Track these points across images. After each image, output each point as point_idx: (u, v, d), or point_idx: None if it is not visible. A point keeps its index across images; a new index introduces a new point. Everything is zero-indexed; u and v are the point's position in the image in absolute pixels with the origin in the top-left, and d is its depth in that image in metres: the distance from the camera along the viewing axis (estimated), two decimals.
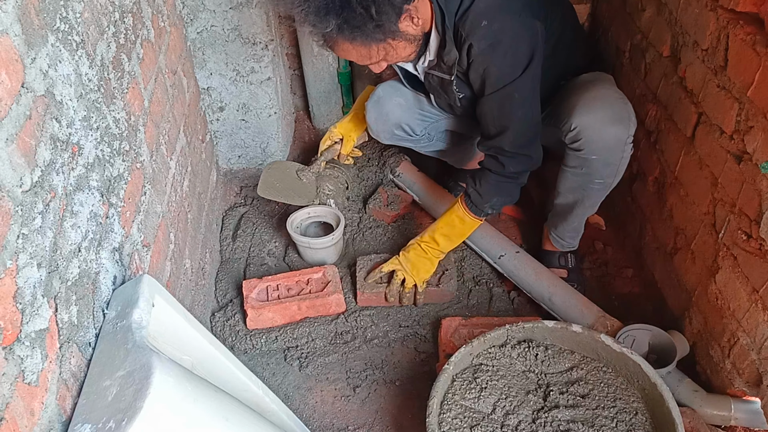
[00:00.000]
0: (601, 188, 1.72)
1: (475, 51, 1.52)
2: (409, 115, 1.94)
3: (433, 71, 1.69)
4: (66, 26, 1.02)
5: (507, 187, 1.69)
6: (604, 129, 1.59)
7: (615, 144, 1.61)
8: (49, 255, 0.90)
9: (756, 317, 1.33)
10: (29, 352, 0.82)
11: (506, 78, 1.53)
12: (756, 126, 1.30)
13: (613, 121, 1.60)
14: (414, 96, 1.92)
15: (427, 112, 1.96)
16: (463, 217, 1.75)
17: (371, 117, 1.95)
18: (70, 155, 1.00)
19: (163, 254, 1.46)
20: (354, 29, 1.43)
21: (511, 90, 1.54)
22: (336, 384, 1.71)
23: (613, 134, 1.60)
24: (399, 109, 1.92)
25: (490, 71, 1.54)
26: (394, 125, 1.95)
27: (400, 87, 1.91)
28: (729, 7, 1.38)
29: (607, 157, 1.64)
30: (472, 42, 1.51)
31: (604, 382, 1.47)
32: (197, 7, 1.91)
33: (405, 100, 1.91)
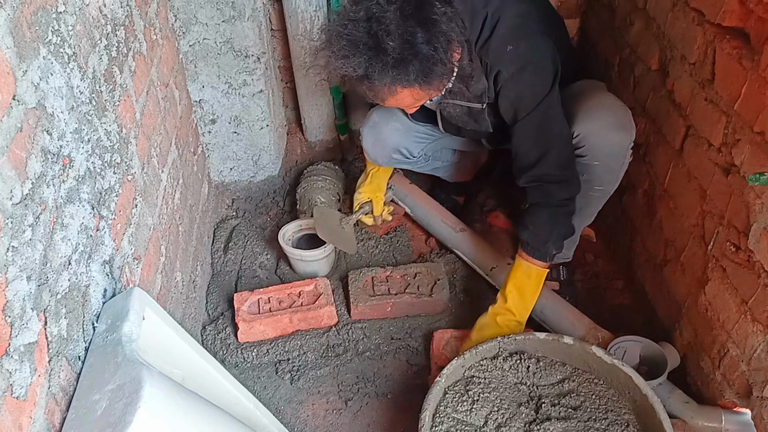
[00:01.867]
0: (601, 195, 1.72)
1: (505, 76, 1.52)
2: (406, 139, 1.92)
3: (454, 101, 1.66)
4: (58, 39, 1.03)
5: (561, 218, 1.62)
6: (608, 135, 1.59)
7: (618, 150, 1.61)
8: (38, 268, 0.90)
9: (745, 328, 1.34)
10: (18, 365, 0.82)
11: (539, 96, 1.53)
12: (743, 139, 1.31)
13: (616, 127, 1.60)
14: (410, 122, 1.90)
15: (423, 133, 1.95)
16: (529, 272, 1.64)
17: (368, 142, 1.93)
18: (61, 168, 1.00)
19: (154, 267, 1.45)
20: (425, 73, 1.38)
21: (545, 107, 1.54)
22: (328, 397, 1.70)
23: (617, 140, 1.60)
24: (396, 134, 1.90)
25: (522, 93, 1.54)
26: (391, 150, 1.94)
27: (396, 112, 1.89)
28: (716, 22, 1.40)
29: (610, 163, 1.63)
30: (501, 69, 1.52)
31: (595, 394, 1.47)
32: (190, 21, 1.92)
33: (401, 124, 1.90)
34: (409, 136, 1.93)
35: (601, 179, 1.66)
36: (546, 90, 1.53)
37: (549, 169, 1.57)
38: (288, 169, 2.45)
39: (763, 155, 1.24)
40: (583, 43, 2.32)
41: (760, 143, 1.25)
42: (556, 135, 1.56)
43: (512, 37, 1.50)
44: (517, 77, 1.52)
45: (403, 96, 1.46)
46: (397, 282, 1.93)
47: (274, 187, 2.37)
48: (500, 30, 1.51)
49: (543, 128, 1.56)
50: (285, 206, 2.31)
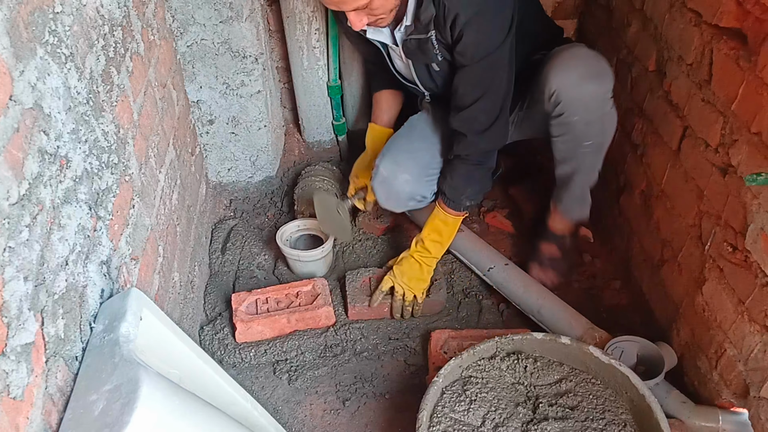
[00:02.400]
0: (593, 150, 1.71)
1: (462, 20, 1.50)
2: (418, 186, 1.87)
3: (412, 36, 1.64)
4: (55, 39, 1.02)
5: (478, 175, 1.74)
6: (581, 86, 1.59)
7: (592, 100, 1.61)
8: (36, 268, 0.90)
9: (742, 328, 1.34)
10: (15, 366, 0.82)
11: (493, 44, 1.54)
12: (740, 139, 1.32)
13: (589, 76, 1.59)
14: (417, 164, 1.86)
15: (434, 169, 1.89)
16: (446, 219, 1.78)
17: (381, 196, 1.90)
18: (58, 168, 1.00)
19: (152, 267, 1.45)
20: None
21: (497, 55, 1.56)
22: (325, 397, 1.70)
23: (590, 91, 1.60)
24: (408, 186, 1.86)
25: (477, 40, 1.54)
26: (406, 200, 1.90)
27: (402, 160, 1.85)
28: (713, 23, 1.41)
29: (587, 116, 1.62)
30: (458, 12, 1.50)
31: (592, 394, 1.47)
32: (187, 21, 1.92)
33: (410, 175, 1.85)
34: (420, 183, 1.87)
35: (586, 133, 1.66)
36: (501, 38, 1.53)
37: (479, 114, 1.63)
38: (286, 170, 2.45)
39: (760, 156, 1.25)
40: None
41: (757, 144, 1.26)
42: (497, 84, 1.60)
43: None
44: (472, 24, 1.51)
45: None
46: None
47: (272, 188, 2.37)
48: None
49: (487, 75, 1.59)
50: (283, 207, 2.31)
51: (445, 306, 1.91)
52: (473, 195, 1.77)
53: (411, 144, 1.89)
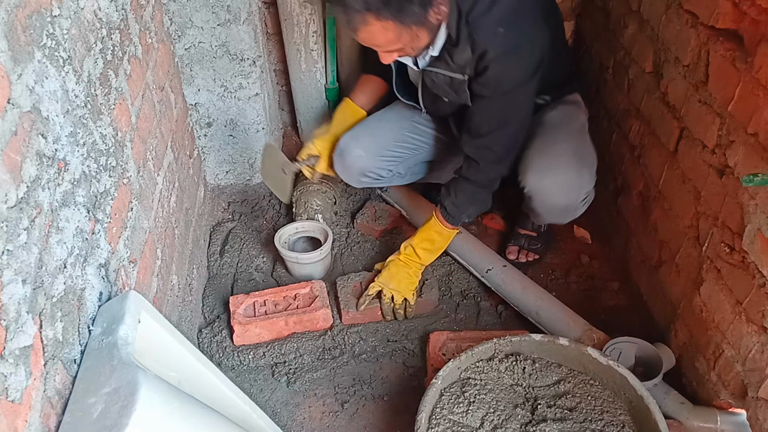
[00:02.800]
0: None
1: (490, 56, 1.54)
2: (370, 163, 1.94)
3: (438, 69, 1.66)
4: (53, 42, 1.03)
5: (482, 197, 1.76)
6: (554, 198, 1.73)
7: (563, 211, 1.76)
8: (34, 271, 0.90)
9: (740, 329, 1.34)
10: (13, 369, 0.82)
11: (516, 83, 1.58)
12: (737, 140, 1.32)
13: (562, 191, 1.71)
14: (375, 142, 1.93)
15: (392, 151, 1.96)
16: (441, 231, 1.80)
17: (338, 169, 1.97)
18: (56, 171, 1.00)
19: (150, 270, 1.45)
20: (396, 9, 1.41)
21: (518, 93, 1.60)
22: (324, 400, 1.70)
23: (563, 203, 1.73)
24: (359, 161, 1.93)
25: (501, 77, 1.57)
26: (358, 175, 1.97)
27: (361, 136, 1.93)
28: (709, 24, 1.41)
29: (558, 218, 1.83)
30: (488, 48, 1.53)
31: (591, 395, 1.47)
32: (185, 24, 1.92)
33: (365, 151, 1.92)
34: (374, 160, 1.94)
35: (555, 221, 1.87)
36: (524, 78, 1.58)
37: (494, 145, 1.66)
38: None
39: (756, 156, 1.25)
40: (577, 46, 2.33)
41: (753, 144, 1.26)
42: (515, 121, 1.65)
43: (506, 20, 1.52)
44: (500, 60, 1.54)
45: (375, 30, 1.45)
46: None
47: (270, 190, 2.37)
48: (496, 10, 1.52)
49: (505, 110, 1.63)
50: (281, 209, 2.31)
51: (438, 305, 1.91)
52: (474, 213, 1.81)
53: (376, 124, 1.98)
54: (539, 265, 2.05)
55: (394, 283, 1.84)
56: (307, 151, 2.00)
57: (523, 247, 2.06)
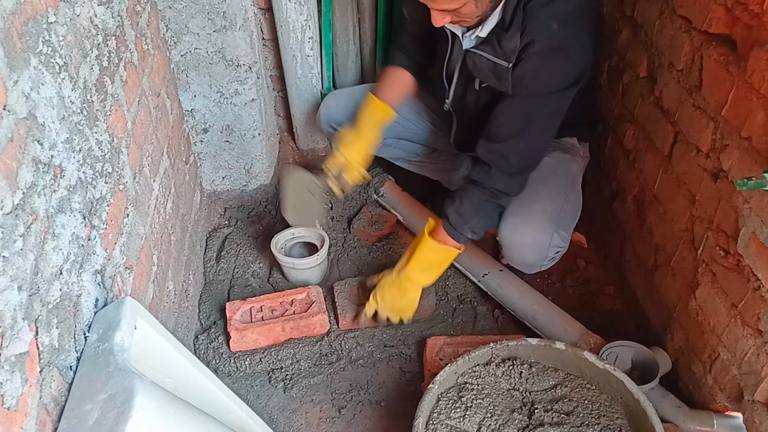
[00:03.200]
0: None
1: (535, 49, 1.49)
2: (338, 115, 2.05)
3: (482, 52, 1.59)
4: (49, 49, 1.03)
5: (488, 208, 1.65)
6: (522, 254, 1.73)
7: (528, 266, 1.78)
8: (30, 278, 0.89)
9: (735, 332, 1.35)
10: (9, 376, 0.81)
11: (549, 87, 1.52)
12: (731, 144, 1.33)
13: (531, 250, 1.70)
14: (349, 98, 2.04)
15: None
16: (438, 250, 1.68)
17: (317, 119, 2.15)
18: (52, 177, 1.00)
19: (146, 276, 1.45)
20: None
21: (545, 101, 1.53)
22: (321, 405, 1.70)
23: (529, 260, 1.74)
24: (329, 110, 2.08)
25: (537, 73, 1.51)
26: (325, 124, 2.11)
27: (339, 93, 2.13)
28: (702, 29, 1.42)
29: (524, 269, 1.82)
30: (535, 38, 1.47)
31: (588, 399, 1.47)
32: (181, 30, 1.92)
33: (336, 103, 2.08)
34: (341, 114, 2.04)
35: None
36: (559, 86, 1.51)
37: (509, 154, 1.57)
38: (280, 178, 2.45)
39: (750, 160, 1.26)
40: None
41: (747, 148, 1.27)
42: (537, 129, 1.57)
43: (563, 19, 1.47)
44: (543, 56, 1.49)
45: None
46: None
47: (267, 196, 2.37)
48: (555, 6, 1.47)
49: (531, 116, 1.55)
50: (277, 215, 2.31)
51: (434, 310, 1.91)
52: (477, 228, 1.66)
53: (363, 87, 2.12)
54: None
55: (389, 308, 1.77)
56: (334, 161, 1.84)
57: None
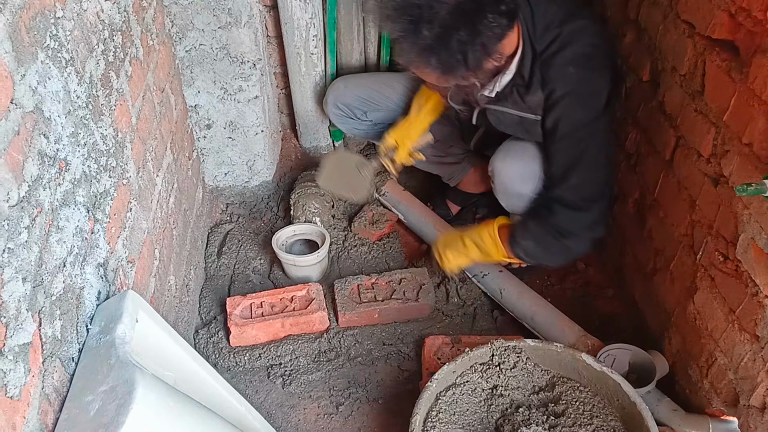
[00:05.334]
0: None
1: (558, 95, 1.55)
2: (345, 98, 2.10)
3: (506, 109, 1.66)
4: (56, 44, 1.04)
5: (549, 243, 1.61)
6: (512, 183, 1.72)
7: (518, 199, 1.72)
8: (34, 269, 0.90)
9: (733, 337, 1.35)
10: (12, 365, 0.82)
11: (581, 121, 1.56)
12: (732, 150, 1.33)
13: (522, 179, 1.69)
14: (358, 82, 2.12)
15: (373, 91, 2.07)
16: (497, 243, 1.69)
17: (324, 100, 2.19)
18: (57, 171, 1.01)
19: (148, 270, 1.46)
20: (441, 64, 1.43)
21: (583, 133, 1.56)
22: (319, 402, 1.71)
23: (518, 191, 1.70)
24: (336, 91, 2.13)
25: (566, 116, 1.56)
26: (332, 105, 2.13)
27: (348, 77, 2.17)
28: (705, 35, 1.43)
29: (512, 206, 1.78)
30: (555, 87, 1.54)
31: (580, 401, 1.49)
32: (186, 26, 1.93)
33: (344, 85, 2.14)
34: (349, 96, 2.10)
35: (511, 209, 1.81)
36: (587, 119, 1.55)
37: (566, 192, 1.59)
38: (282, 175, 2.46)
39: (751, 166, 1.26)
40: None
41: (748, 154, 1.27)
42: (584, 163, 1.57)
43: (578, 62, 1.53)
44: (567, 99, 1.55)
45: (426, 75, 1.54)
46: (383, 289, 1.94)
47: (269, 193, 2.38)
48: (569, 52, 1.53)
49: (572, 153, 1.58)
50: (279, 211, 2.32)
51: (434, 309, 1.92)
52: (531, 254, 1.66)
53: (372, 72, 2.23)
54: (535, 271, 2.06)
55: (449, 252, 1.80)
56: (385, 144, 1.97)
57: None
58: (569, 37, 1.54)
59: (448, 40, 1.38)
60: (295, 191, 2.23)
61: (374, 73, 2.21)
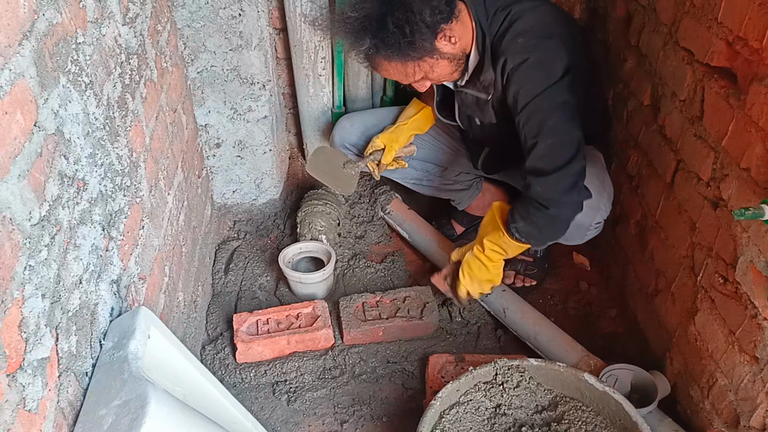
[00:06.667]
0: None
1: (510, 66, 1.58)
2: (352, 137, 2.13)
3: (467, 89, 1.72)
4: (76, 68, 1.08)
5: (535, 217, 1.61)
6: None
7: (577, 227, 1.69)
8: (52, 286, 0.94)
9: (733, 359, 1.37)
10: (31, 379, 0.85)
11: (537, 89, 1.56)
12: (730, 174, 1.36)
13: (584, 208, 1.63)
14: (363, 120, 2.14)
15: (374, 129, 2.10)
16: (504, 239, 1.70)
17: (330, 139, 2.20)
18: (75, 190, 1.04)
19: (158, 287, 1.49)
20: (389, 47, 1.52)
21: (541, 100, 1.56)
22: (324, 419, 1.73)
23: (579, 220, 1.64)
24: (343, 131, 2.14)
25: (523, 85, 1.58)
26: (339, 145, 2.15)
27: (353, 115, 2.19)
28: (704, 62, 1.46)
29: (569, 236, 1.72)
30: (508, 57, 1.57)
31: (582, 421, 1.50)
32: (198, 49, 1.98)
33: (350, 124, 2.15)
34: (355, 136, 2.13)
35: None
36: (547, 83, 1.55)
37: (536, 162, 1.58)
38: (289, 193, 2.49)
39: (749, 190, 1.29)
40: None
41: (746, 179, 1.30)
42: (548, 128, 1.56)
43: (527, 33, 1.57)
44: (519, 68, 1.57)
45: (390, 68, 1.62)
46: (387, 307, 1.96)
47: (276, 210, 2.42)
48: (518, 26, 1.57)
49: (534, 119, 1.58)
50: (285, 229, 2.35)
51: (438, 327, 1.94)
52: (525, 233, 1.65)
53: (377, 109, 2.26)
54: (538, 291, 2.08)
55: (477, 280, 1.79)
56: (372, 146, 2.04)
57: (520, 272, 2.09)
58: (518, 14, 1.59)
59: (386, 24, 1.48)
60: (301, 209, 2.26)
61: (378, 109, 2.26)
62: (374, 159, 2.05)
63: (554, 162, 1.55)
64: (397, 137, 2.03)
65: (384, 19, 1.50)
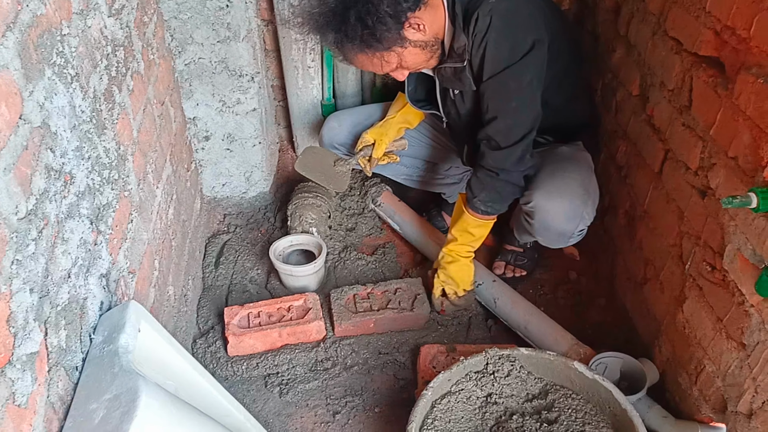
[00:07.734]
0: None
1: (479, 25, 1.56)
2: (340, 137, 2.14)
3: (445, 64, 1.72)
4: (62, 60, 1.07)
5: (492, 184, 1.72)
6: (556, 221, 1.73)
7: (559, 235, 1.76)
8: (41, 280, 0.93)
9: (720, 345, 1.38)
10: (20, 374, 0.85)
11: (503, 61, 1.58)
12: (718, 163, 1.37)
13: (565, 216, 1.71)
14: (350, 119, 2.14)
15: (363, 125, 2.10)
16: (468, 219, 1.81)
17: (319, 138, 2.20)
18: (62, 184, 1.03)
19: (148, 281, 1.48)
20: (351, 40, 1.53)
21: (506, 77, 1.59)
22: (316, 410, 1.73)
23: (562, 228, 1.73)
24: (331, 132, 2.14)
25: (488, 50, 1.58)
26: (328, 145, 2.16)
27: (340, 114, 2.19)
28: (692, 51, 1.47)
29: (551, 241, 1.82)
30: (478, 14, 1.55)
31: (572, 408, 1.51)
32: (185, 41, 1.96)
33: (338, 124, 2.15)
34: (344, 135, 2.13)
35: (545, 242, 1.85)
36: (514, 57, 1.57)
37: (493, 134, 1.67)
38: (279, 186, 2.49)
39: (736, 179, 1.30)
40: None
41: (733, 168, 1.31)
42: (510, 109, 1.63)
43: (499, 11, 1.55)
44: (491, 31, 1.56)
45: (362, 59, 1.62)
46: (379, 298, 1.97)
47: (266, 203, 2.41)
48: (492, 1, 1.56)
49: (498, 96, 1.64)
50: (276, 222, 2.35)
51: (429, 319, 1.95)
52: (488, 201, 1.75)
53: (363, 106, 2.26)
54: (528, 281, 2.09)
55: (454, 281, 1.90)
56: (362, 142, 2.05)
57: (510, 263, 2.10)
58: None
59: (347, 17, 1.50)
60: (291, 202, 2.26)
61: (366, 106, 2.26)
62: (365, 155, 2.04)
63: (508, 139, 1.66)
64: (386, 131, 2.03)
65: (346, 12, 1.50)
